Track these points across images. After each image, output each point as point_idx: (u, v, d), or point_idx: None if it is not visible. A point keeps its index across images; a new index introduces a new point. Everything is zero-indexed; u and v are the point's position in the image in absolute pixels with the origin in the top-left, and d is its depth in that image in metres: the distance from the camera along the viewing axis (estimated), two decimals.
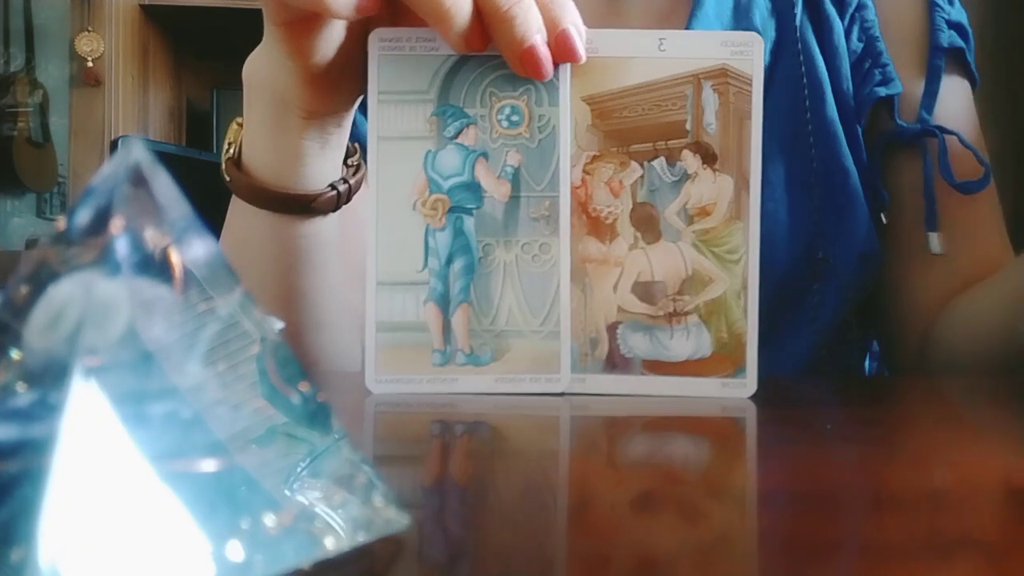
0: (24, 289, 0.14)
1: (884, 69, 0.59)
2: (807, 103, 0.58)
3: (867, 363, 0.68)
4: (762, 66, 0.38)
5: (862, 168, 0.58)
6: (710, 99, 0.38)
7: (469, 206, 0.38)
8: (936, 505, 0.21)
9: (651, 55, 0.38)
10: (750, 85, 0.38)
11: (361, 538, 0.16)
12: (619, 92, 0.38)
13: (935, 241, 0.57)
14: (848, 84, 0.59)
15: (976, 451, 0.29)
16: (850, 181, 0.57)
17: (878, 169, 0.59)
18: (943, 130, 0.57)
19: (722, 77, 0.38)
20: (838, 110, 0.58)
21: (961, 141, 0.56)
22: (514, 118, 0.38)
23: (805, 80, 0.58)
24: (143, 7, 1.89)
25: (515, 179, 0.38)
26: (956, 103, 0.60)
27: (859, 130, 0.59)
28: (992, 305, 0.53)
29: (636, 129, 0.38)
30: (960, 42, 0.60)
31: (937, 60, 0.59)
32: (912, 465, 0.26)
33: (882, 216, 0.59)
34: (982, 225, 0.59)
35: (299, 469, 0.16)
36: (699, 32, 0.56)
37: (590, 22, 0.39)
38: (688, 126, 0.38)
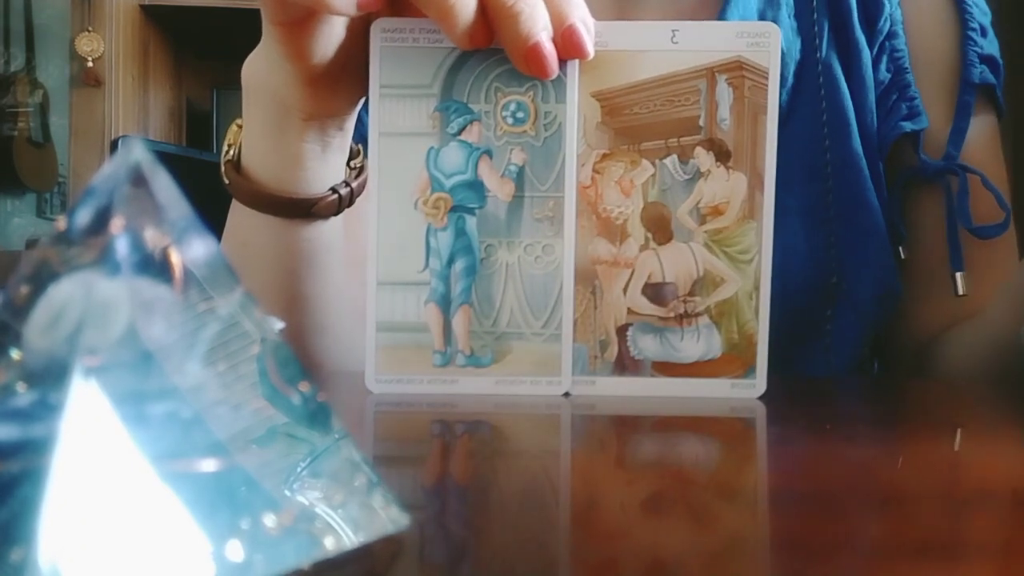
0: (24, 289, 0.14)
1: (911, 103, 0.57)
2: (825, 129, 0.57)
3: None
4: (779, 58, 0.37)
5: (883, 202, 0.57)
6: (724, 93, 0.37)
7: (471, 205, 0.38)
8: (944, 506, 0.21)
9: (663, 48, 0.37)
10: (766, 78, 0.37)
11: (361, 538, 0.16)
12: (630, 87, 0.37)
13: (959, 282, 0.56)
14: (872, 117, 0.58)
15: (987, 452, 0.29)
16: (872, 216, 0.56)
17: (898, 203, 0.58)
18: (966, 169, 0.56)
19: (737, 70, 0.37)
20: (861, 142, 0.57)
21: (984, 183, 0.55)
22: (519, 115, 0.37)
23: (825, 104, 0.57)
24: (143, 7, 1.89)
25: (519, 178, 0.37)
26: (982, 141, 0.58)
27: (880, 164, 0.57)
28: (977, 340, 0.53)
29: (647, 126, 0.38)
30: (991, 78, 0.58)
31: (967, 96, 0.57)
32: (922, 465, 0.26)
33: (900, 251, 0.58)
34: (998, 267, 0.58)
35: (299, 469, 0.16)
36: (713, 23, 0.54)
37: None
38: (701, 122, 0.37)
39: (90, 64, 1.82)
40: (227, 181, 0.45)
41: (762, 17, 0.58)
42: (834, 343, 0.57)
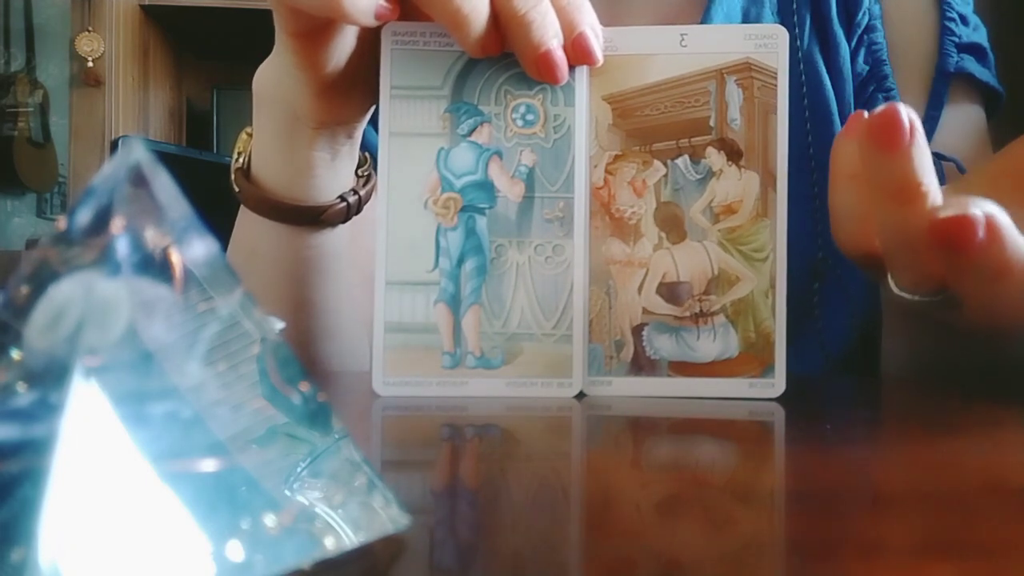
0: (24, 289, 0.14)
1: (888, 94, 0.58)
2: (807, 114, 0.57)
3: None
4: (787, 58, 0.37)
5: None
6: (734, 94, 0.38)
7: (482, 205, 0.38)
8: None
9: (672, 51, 0.38)
10: (775, 78, 0.38)
11: (361, 538, 0.16)
12: (640, 90, 0.38)
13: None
14: (850, 109, 0.58)
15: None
16: None
17: None
18: (941, 157, 0.55)
19: (746, 71, 0.38)
20: None
21: (959, 168, 0.55)
22: (529, 117, 0.38)
23: (806, 96, 0.57)
24: (143, 7, 1.89)
25: (529, 179, 0.38)
26: (962, 129, 0.58)
27: None
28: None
29: (659, 127, 0.38)
30: (969, 67, 0.58)
31: (940, 86, 0.58)
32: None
33: None
34: None
35: (299, 469, 0.16)
36: (721, 26, 0.55)
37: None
38: (712, 122, 0.38)
39: (90, 64, 1.82)
40: (237, 189, 0.45)
41: (746, 14, 0.59)
42: (825, 330, 0.57)
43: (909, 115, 0.32)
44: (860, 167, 0.35)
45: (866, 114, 0.33)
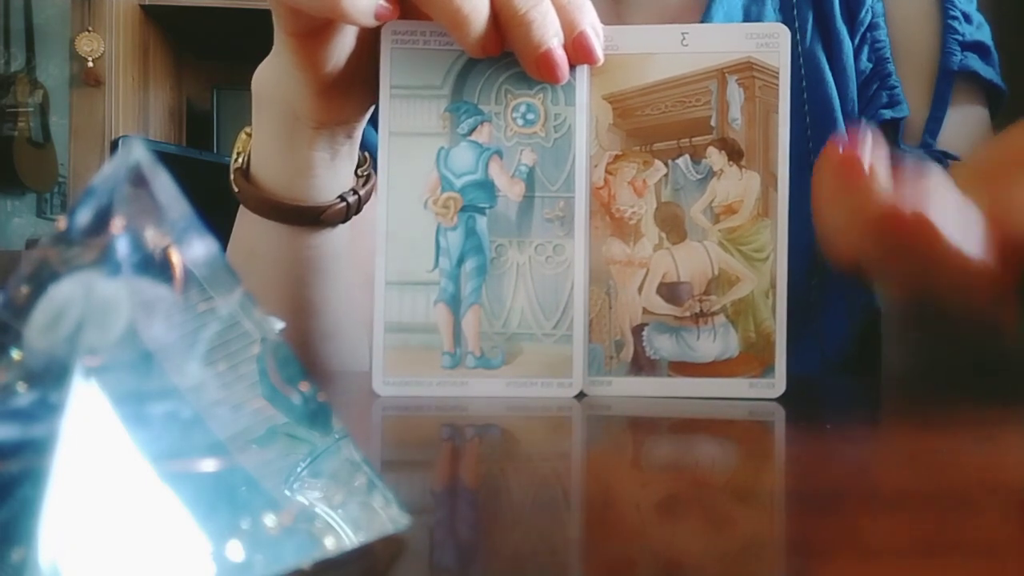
0: (24, 289, 0.14)
1: (892, 91, 0.58)
2: (808, 119, 0.57)
3: None
4: (788, 58, 0.37)
5: None
6: (735, 94, 0.38)
7: (482, 205, 0.38)
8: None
9: (673, 50, 0.38)
10: (776, 78, 0.38)
11: (361, 538, 0.16)
12: (641, 89, 0.38)
13: None
14: (853, 107, 0.58)
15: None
16: None
17: None
18: (946, 155, 0.56)
19: (747, 71, 0.38)
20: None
21: None
22: (529, 116, 0.38)
23: (807, 95, 0.57)
24: (143, 7, 1.89)
25: (529, 178, 0.38)
26: (966, 128, 0.58)
27: None
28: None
29: (659, 127, 0.38)
30: (973, 65, 0.58)
31: (944, 84, 0.57)
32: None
33: None
34: None
35: (299, 469, 0.16)
36: (723, 25, 0.55)
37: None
38: (713, 122, 0.38)
39: (90, 64, 1.82)
40: (236, 189, 0.45)
41: (747, 13, 0.59)
42: (824, 333, 0.57)
43: (868, 153, 0.32)
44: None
45: (840, 149, 0.34)
